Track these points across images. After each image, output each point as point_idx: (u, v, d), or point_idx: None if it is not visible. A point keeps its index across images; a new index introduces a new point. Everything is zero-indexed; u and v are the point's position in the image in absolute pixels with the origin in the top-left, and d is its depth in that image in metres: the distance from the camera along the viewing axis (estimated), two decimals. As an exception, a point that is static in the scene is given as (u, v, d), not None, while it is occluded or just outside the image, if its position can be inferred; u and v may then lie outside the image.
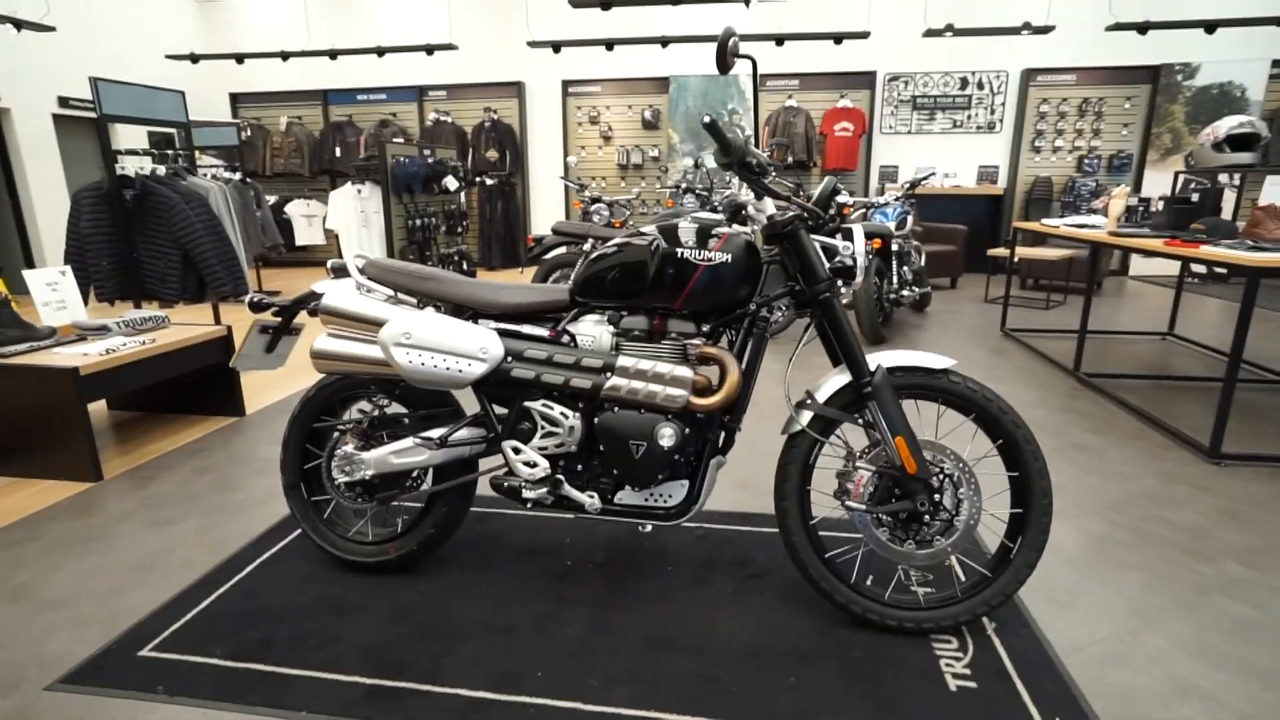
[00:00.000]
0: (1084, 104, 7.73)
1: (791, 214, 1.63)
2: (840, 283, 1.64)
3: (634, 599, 1.84)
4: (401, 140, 5.36)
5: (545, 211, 9.08)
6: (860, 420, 1.68)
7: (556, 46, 7.11)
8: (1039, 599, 1.84)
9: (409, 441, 1.80)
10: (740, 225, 1.71)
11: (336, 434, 1.92)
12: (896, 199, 5.56)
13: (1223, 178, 7.59)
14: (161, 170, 3.96)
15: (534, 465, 1.72)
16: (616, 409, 1.67)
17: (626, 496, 1.75)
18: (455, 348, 1.67)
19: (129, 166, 3.97)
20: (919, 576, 1.92)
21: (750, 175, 1.61)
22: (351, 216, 5.64)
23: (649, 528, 2.21)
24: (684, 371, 1.61)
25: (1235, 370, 2.61)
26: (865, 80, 8.07)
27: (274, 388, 3.82)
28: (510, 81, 8.65)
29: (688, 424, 1.66)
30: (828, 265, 1.64)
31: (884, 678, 1.54)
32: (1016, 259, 6.87)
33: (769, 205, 1.68)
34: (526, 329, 1.77)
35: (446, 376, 1.68)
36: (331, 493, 1.93)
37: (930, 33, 6.64)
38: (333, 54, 7.58)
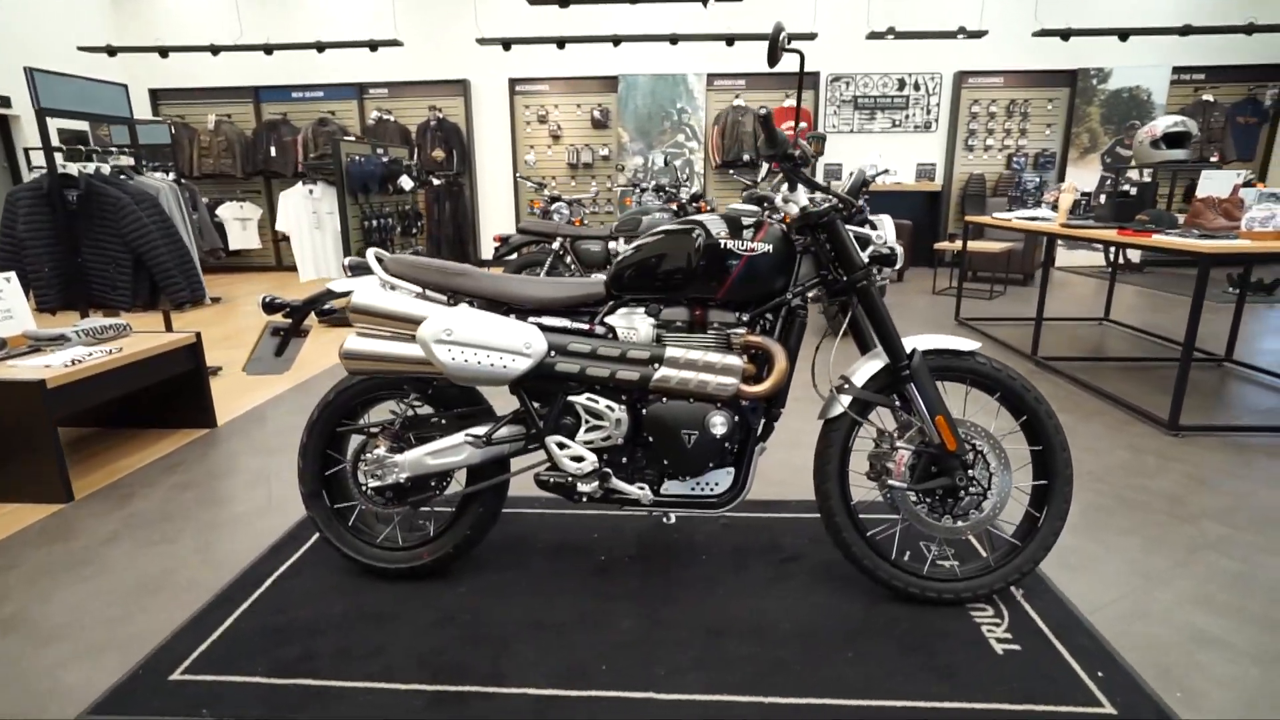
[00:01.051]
0: (1011, 105, 8.20)
1: (827, 205, 1.68)
2: (879, 270, 1.70)
3: (678, 590, 1.85)
4: (353, 139, 5.17)
5: (494, 212, 8.93)
6: (897, 402, 1.75)
7: (507, 44, 7.01)
8: (1052, 565, 1.96)
9: (447, 441, 1.75)
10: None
11: (363, 438, 1.84)
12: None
13: (1136, 174, 8.19)
14: (106, 169, 3.69)
15: (581, 460, 1.71)
16: (665, 400, 1.68)
17: (673, 487, 1.76)
18: (499, 343, 1.65)
19: (70, 165, 3.68)
20: (939, 551, 2.01)
21: (793, 167, 1.65)
22: (303, 218, 5.40)
23: (673, 519, 2.22)
24: (735, 360, 1.64)
25: (1190, 352, 2.85)
26: (809, 80, 8.30)
27: (245, 395, 3.63)
28: (455, 79, 8.46)
29: (736, 412, 1.69)
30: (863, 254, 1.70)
31: (936, 647, 1.60)
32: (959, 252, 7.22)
33: (801, 196, 1.73)
34: (566, 323, 1.76)
35: (491, 373, 1.65)
36: (359, 499, 1.85)
37: (873, 35, 6.90)
38: (268, 49, 7.23)
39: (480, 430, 1.75)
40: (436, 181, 8.35)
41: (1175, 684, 1.49)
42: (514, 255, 5.15)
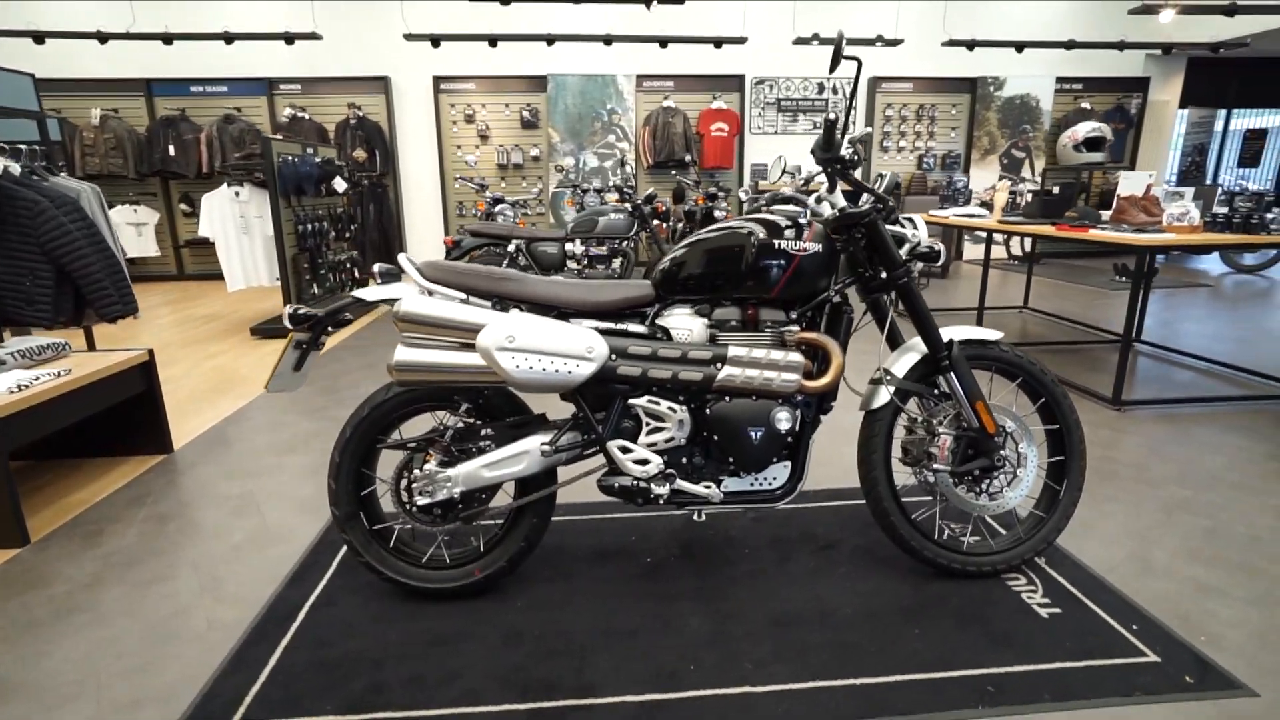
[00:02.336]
0: (920, 109, 8.76)
1: (868, 205, 1.76)
2: (921, 265, 1.80)
3: (731, 585, 1.88)
4: (280, 137, 4.83)
5: (421, 215, 8.61)
6: (935, 390, 1.85)
7: (436, 41, 6.78)
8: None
9: (505, 452, 1.70)
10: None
11: (406, 453, 1.75)
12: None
13: (1024, 171, 8.96)
14: (16, 168, 3.27)
15: (645, 463, 1.71)
16: (728, 398, 1.71)
17: (733, 484, 1.79)
18: (562, 349, 1.62)
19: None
20: (959, 529, 2.14)
21: (842, 170, 1.71)
22: (229, 222, 5.00)
23: (703, 517, 2.25)
24: (796, 357, 1.68)
25: (1129, 334, 3.17)
26: (735, 83, 8.53)
27: (195, 417, 3.34)
28: (376, 76, 8.09)
29: (797, 407, 1.74)
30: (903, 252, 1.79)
31: (989, 617, 1.72)
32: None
33: (839, 197, 1.80)
34: (621, 325, 1.75)
35: (555, 379, 1.62)
36: (404, 518, 1.76)
37: (799, 40, 7.18)
38: (168, 38, 6.65)
39: (548, 438, 1.71)
40: (360, 184, 7.95)
41: (1196, 630, 1.67)
42: (464, 259, 5.00)
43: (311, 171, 4.99)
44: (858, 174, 1.97)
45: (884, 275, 1.80)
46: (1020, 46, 7.24)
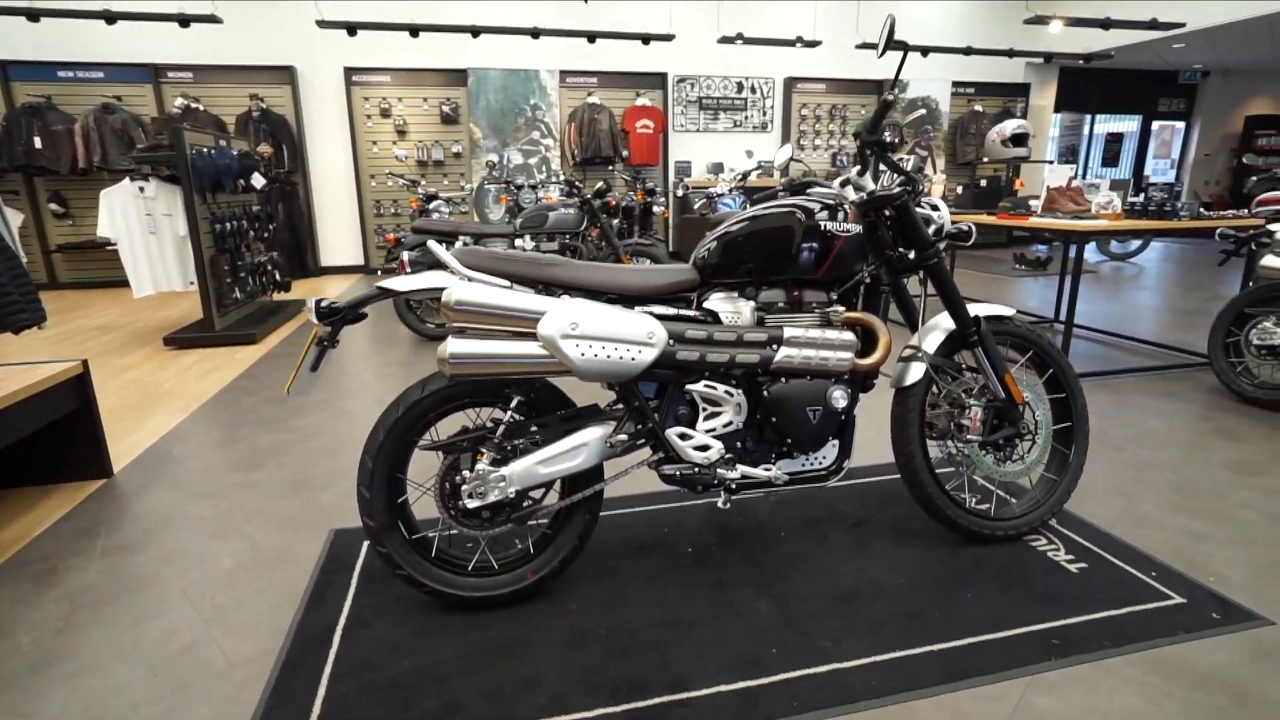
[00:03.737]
0: (834, 109, 9.17)
1: (900, 188, 1.81)
2: (949, 244, 1.86)
3: (781, 567, 1.88)
4: (187, 127, 4.38)
5: (334, 214, 8.11)
6: (964, 365, 1.93)
7: (352, 29, 6.41)
8: (1056, 496, 2.28)
9: (561, 446, 1.61)
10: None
11: (453, 455, 1.63)
12: (731, 190, 6.09)
13: (927, 169, 9.56)
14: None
15: (706, 449, 1.67)
16: (784, 379, 1.70)
17: (786, 465, 1.79)
18: (625, 335, 1.56)
19: None
20: (971, 497, 2.25)
21: (882, 151, 1.75)
22: (134, 222, 4.49)
23: (728, 504, 2.24)
24: (849, 336, 1.70)
25: (1072, 315, 3.44)
26: (658, 80, 8.60)
27: (128, 435, 2.97)
28: (280, 65, 7.54)
29: (850, 385, 1.76)
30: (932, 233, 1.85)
31: (1028, 577, 1.81)
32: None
33: (868, 180, 1.84)
34: (674, 310, 1.70)
35: (619, 366, 1.56)
36: (451, 523, 1.64)
37: (724, 40, 7.33)
38: (33, 14, 5.91)
39: (604, 430, 1.64)
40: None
41: (1201, 571, 1.84)
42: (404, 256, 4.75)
43: (231, 165, 4.58)
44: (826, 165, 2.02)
45: (912, 256, 1.85)
46: (925, 51, 7.72)
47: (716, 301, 1.75)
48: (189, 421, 3.16)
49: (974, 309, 1.94)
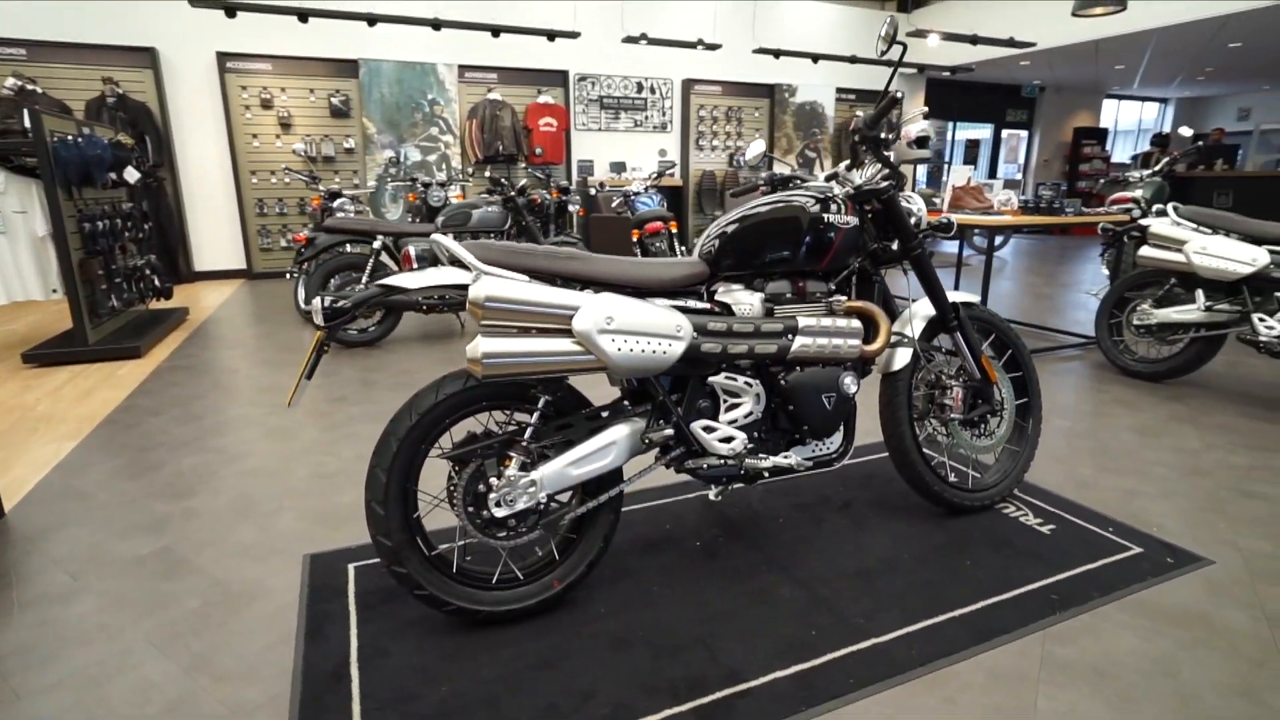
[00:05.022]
0: (729, 111, 9.48)
1: (886, 182, 1.90)
2: (931, 234, 1.98)
3: (791, 552, 1.92)
4: (39, 109, 3.79)
5: (209, 212, 7.36)
6: (943, 348, 2.06)
7: (231, 9, 5.84)
8: (1007, 467, 2.49)
9: (590, 445, 1.56)
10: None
11: (476, 461, 1.53)
12: (646, 189, 6.14)
13: (815, 170, 10.09)
14: None
15: (730, 440, 1.68)
16: (800, 368, 1.74)
17: (799, 451, 1.83)
18: (655, 329, 1.53)
19: None
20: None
21: (878, 146, 1.83)
22: (-21, 220, 3.84)
23: (720, 497, 2.25)
24: (856, 324, 1.77)
25: (985, 302, 3.76)
26: (559, 78, 8.51)
27: (17, 463, 2.54)
28: (138, 46, 6.74)
29: (858, 371, 1.82)
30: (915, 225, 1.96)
31: (1011, 541, 1.96)
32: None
33: (855, 175, 1.93)
34: (693, 303, 1.69)
35: (651, 361, 1.53)
36: (477, 535, 1.53)
37: (628, 39, 7.37)
38: None
39: (631, 427, 1.60)
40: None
41: (1145, 524, 2.07)
42: (316, 260, 4.41)
43: (104, 156, 4.03)
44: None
45: (895, 247, 1.95)
46: (816, 58, 8.16)
47: (727, 294, 1.76)
48: (83, 449, 2.76)
49: (951, 296, 2.07)
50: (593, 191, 7.37)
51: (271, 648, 1.56)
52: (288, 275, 7.38)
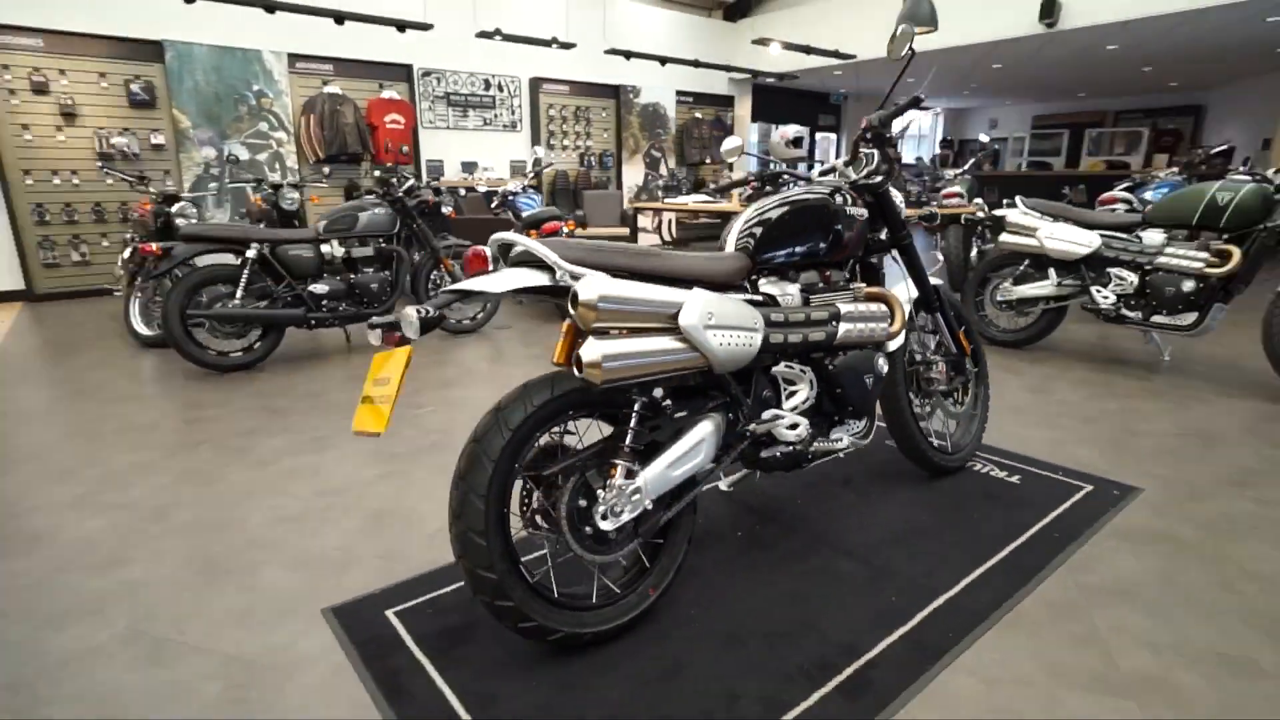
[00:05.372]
0: (578, 110, 9.49)
1: (881, 177, 2.07)
2: (919, 223, 2.18)
3: (827, 530, 2.02)
4: None
5: (-32, 222, 5.94)
6: (927, 326, 2.28)
7: (-2, -28, 4.75)
8: (951, 430, 2.81)
9: (684, 444, 1.53)
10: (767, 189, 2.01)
11: (577, 475, 1.43)
12: (525, 188, 5.99)
13: (661, 169, 10.46)
14: None
15: (796, 426, 1.73)
16: (843, 353, 1.83)
17: (840, 432, 1.92)
18: (743, 321, 1.55)
19: None
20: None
21: (884, 146, 1.98)
22: None
23: (732, 488, 2.29)
24: (883, 307, 1.90)
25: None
26: (402, 73, 7.98)
27: None
28: None
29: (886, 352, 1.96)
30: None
31: (997, 494, 2.23)
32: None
33: (850, 170, 2.07)
34: (751, 296, 1.72)
35: (743, 353, 1.54)
36: (583, 553, 1.43)
37: (482, 34, 7.11)
38: None
39: (719, 421, 1.58)
40: None
41: (1085, 465, 2.45)
42: (173, 271, 3.77)
43: None
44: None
45: (884, 237, 2.13)
46: (664, 60, 8.45)
47: (770, 285, 1.80)
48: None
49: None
50: (463, 192, 7.03)
51: (351, 712, 1.35)
52: (114, 293, 6.18)
